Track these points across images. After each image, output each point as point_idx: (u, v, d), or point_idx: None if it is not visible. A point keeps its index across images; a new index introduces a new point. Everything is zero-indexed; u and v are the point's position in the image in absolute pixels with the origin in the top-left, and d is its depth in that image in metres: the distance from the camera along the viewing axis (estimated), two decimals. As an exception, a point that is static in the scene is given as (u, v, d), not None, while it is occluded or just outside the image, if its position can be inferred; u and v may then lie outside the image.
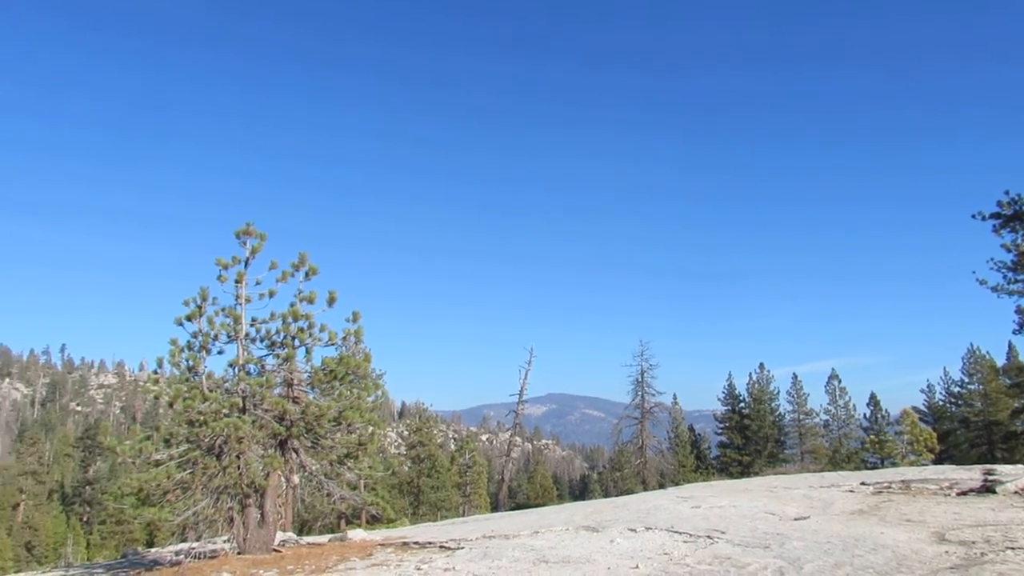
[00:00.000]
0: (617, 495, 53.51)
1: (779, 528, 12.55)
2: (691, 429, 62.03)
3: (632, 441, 53.64)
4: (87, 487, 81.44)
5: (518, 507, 58.12)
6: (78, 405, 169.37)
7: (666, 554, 10.58)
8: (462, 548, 12.40)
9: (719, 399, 58.65)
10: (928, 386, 57.07)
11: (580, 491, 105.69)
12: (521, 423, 54.62)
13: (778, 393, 56.98)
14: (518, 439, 55.63)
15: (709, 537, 11.77)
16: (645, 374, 51.97)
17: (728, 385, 58.06)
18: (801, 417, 56.77)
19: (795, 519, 13.71)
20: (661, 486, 47.50)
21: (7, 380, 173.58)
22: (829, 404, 55.97)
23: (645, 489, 47.05)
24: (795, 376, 58.20)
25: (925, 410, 55.39)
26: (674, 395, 61.38)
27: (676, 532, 12.56)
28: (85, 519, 77.29)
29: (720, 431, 58.24)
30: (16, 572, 40.37)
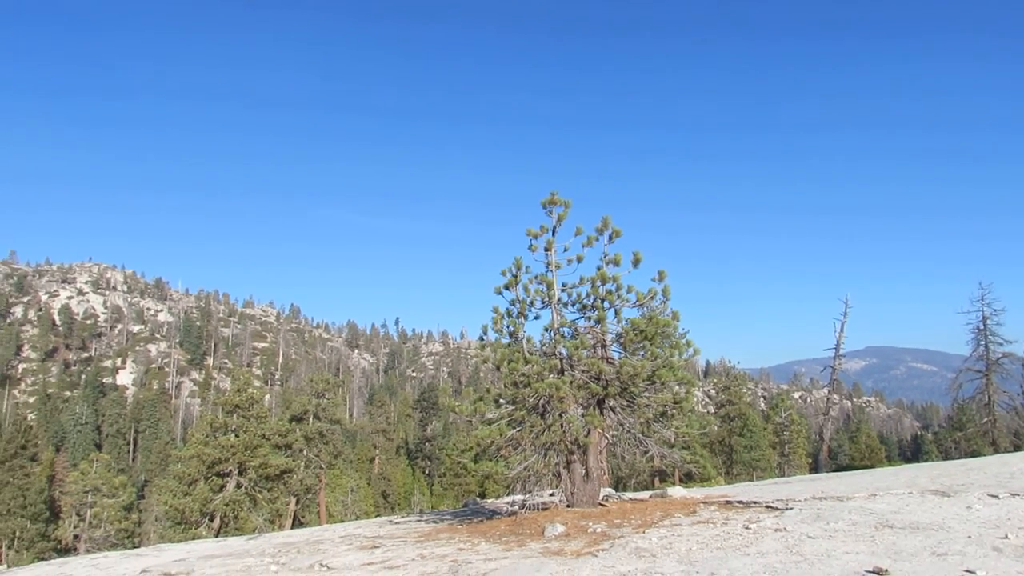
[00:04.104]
0: (959, 457, 47.93)
1: None
2: (1053, 382, 53.18)
3: (975, 397, 47.28)
4: (426, 443, 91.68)
5: (840, 469, 54.57)
6: (413, 371, 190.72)
7: (1042, 524, 9.18)
8: (791, 509, 11.87)
9: (1090, 346, 49.52)
10: None
11: (912, 452, 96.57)
12: (838, 379, 50.93)
13: None
14: (835, 396, 51.93)
15: (1097, 507, 10.01)
16: (988, 321, 45.49)
17: (1102, 329, 48.72)
18: None
19: None
20: (1016, 448, 41.74)
21: (356, 351, 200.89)
22: None
23: (996, 451, 41.54)
24: None
25: None
26: (1028, 343, 52.96)
27: (1051, 500, 10.86)
28: (427, 472, 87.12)
29: (1095, 383, 49.14)
30: (377, 516, 46.63)
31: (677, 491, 17.26)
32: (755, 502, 13.29)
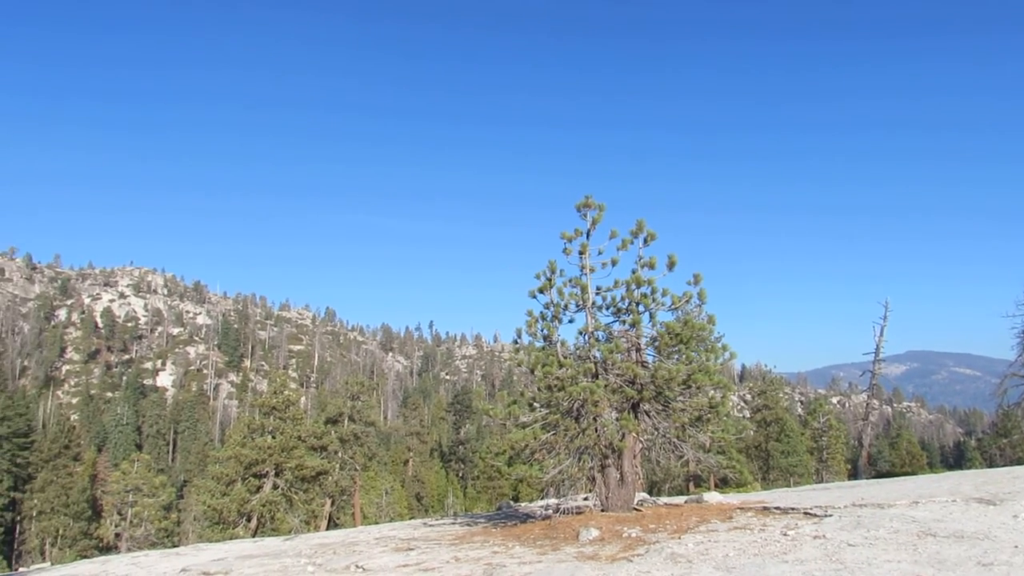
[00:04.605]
0: (1004, 465, 46.78)
1: None
2: (1102, 388, 51.51)
3: (1021, 403, 46.16)
4: (460, 446, 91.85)
5: (880, 475, 53.57)
6: (446, 374, 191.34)
7: (1092, 534, 8.92)
8: (830, 516, 11.67)
9: None
10: None
11: (955, 459, 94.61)
12: (878, 384, 50.00)
13: None
14: (875, 401, 50.99)
15: None
16: (1034, 325, 44.32)
17: None
18: None
19: None
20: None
21: (390, 354, 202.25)
22: None
23: (1042, 458, 40.51)
24: None
25: None
26: (1077, 348, 51.29)
27: (1101, 509, 10.54)
28: (460, 475, 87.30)
29: None
30: (410, 518, 46.84)
31: (713, 496, 17.06)
32: (793, 508, 13.09)
